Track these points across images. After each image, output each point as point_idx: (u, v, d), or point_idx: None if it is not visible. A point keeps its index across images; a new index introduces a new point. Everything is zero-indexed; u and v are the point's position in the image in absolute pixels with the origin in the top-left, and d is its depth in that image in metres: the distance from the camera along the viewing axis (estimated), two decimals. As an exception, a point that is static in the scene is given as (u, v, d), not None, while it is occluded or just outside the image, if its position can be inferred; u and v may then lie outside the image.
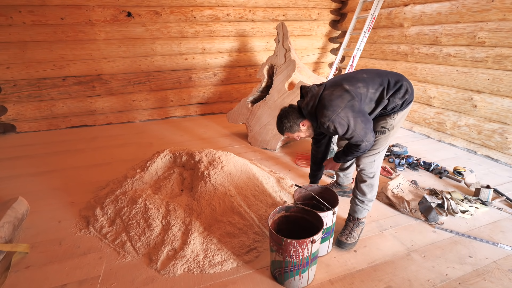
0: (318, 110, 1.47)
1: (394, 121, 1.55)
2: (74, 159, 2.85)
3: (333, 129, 1.45)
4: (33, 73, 3.43)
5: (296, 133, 1.62)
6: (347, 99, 1.42)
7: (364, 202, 1.68)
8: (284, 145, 3.16)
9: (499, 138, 2.63)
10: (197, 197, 1.84)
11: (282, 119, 1.59)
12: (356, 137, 1.46)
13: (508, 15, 2.44)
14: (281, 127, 1.61)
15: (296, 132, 1.61)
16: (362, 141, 1.47)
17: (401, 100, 1.50)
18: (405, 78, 1.53)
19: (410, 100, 1.53)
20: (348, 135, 1.46)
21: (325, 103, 1.43)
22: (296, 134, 1.63)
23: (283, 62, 2.97)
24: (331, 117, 1.41)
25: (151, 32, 3.70)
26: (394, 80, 1.50)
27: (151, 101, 4.05)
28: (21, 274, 1.48)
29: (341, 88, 1.45)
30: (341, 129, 1.43)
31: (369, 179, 1.64)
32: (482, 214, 1.96)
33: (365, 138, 1.46)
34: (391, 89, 1.48)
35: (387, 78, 1.50)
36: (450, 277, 1.46)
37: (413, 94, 1.55)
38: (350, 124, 1.42)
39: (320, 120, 1.47)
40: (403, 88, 1.49)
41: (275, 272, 1.41)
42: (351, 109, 1.42)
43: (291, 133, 1.61)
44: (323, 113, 1.43)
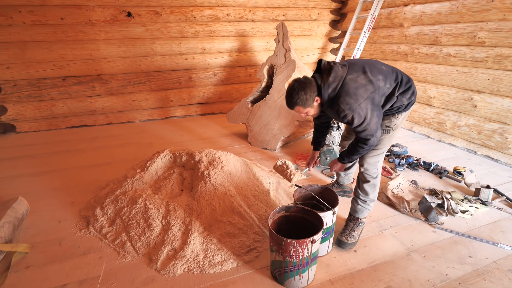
0: (340, 95, 1.39)
1: (398, 121, 1.57)
2: (74, 159, 2.85)
3: (349, 118, 1.39)
4: (33, 73, 3.43)
5: (307, 108, 1.47)
6: (370, 90, 1.39)
7: (366, 202, 1.68)
8: (284, 145, 3.16)
9: (499, 138, 2.63)
10: (197, 197, 1.84)
11: (298, 90, 1.40)
12: (368, 130, 1.42)
13: (508, 15, 2.44)
14: (295, 98, 1.42)
15: (308, 108, 1.47)
16: (372, 135, 1.44)
17: (408, 101, 1.52)
18: (412, 80, 1.55)
19: (414, 101, 1.56)
20: (362, 127, 1.42)
21: (350, 90, 1.37)
22: (307, 109, 1.48)
23: (283, 62, 2.97)
24: (353, 106, 1.36)
25: (151, 32, 3.70)
26: (406, 79, 1.51)
27: (151, 101, 4.05)
28: (21, 274, 1.48)
29: (365, 76, 1.41)
30: (358, 119, 1.38)
31: (372, 179, 1.65)
32: (482, 214, 1.96)
33: (375, 133, 1.44)
34: (402, 87, 1.49)
35: (400, 75, 1.51)
36: (450, 277, 1.46)
37: (416, 95, 1.56)
38: (367, 116, 1.38)
39: (340, 106, 1.38)
40: (412, 89, 1.52)
41: (275, 272, 1.41)
42: (371, 101, 1.39)
43: (304, 107, 1.46)
44: (346, 100, 1.37)
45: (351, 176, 2.13)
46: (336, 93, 1.41)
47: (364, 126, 1.41)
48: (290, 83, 1.46)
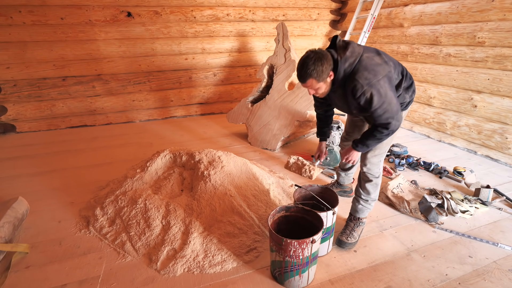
0: (357, 71, 1.30)
1: None
2: (74, 159, 2.85)
3: (368, 97, 1.29)
4: (33, 73, 3.43)
5: (320, 83, 1.35)
6: (387, 69, 1.33)
7: (368, 201, 1.68)
8: (284, 145, 3.16)
9: (499, 138, 2.63)
10: (197, 197, 1.84)
11: (315, 61, 1.28)
12: (388, 112, 1.32)
13: (508, 15, 2.44)
14: (310, 69, 1.29)
15: (321, 82, 1.34)
16: (393, 118, 1.34)
17: (409, 98, 1.53)
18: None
19: (412, 100, 1.57)
20: (382, 109, 1.31)
21: (368, 66, 1.30)
22: (320, 85, 1.36)
23: (283, 62, 2.97)
24: (372, 81, 1.27)
25: (151, 32, 3.70)
26: (409, 76, 1.51)
27: (151, 101, 4.05)
28: (21, 274, 1.48)
29: (380, 58, 1.36)
30: (377, 98, 1.28)
31: (375, 179, 1.65)
32: (482, 214, 1.96)
33: (396, 115, 1.34)
34: (407, 81, 1.47)
35: (405, 69, 1.50)
36: (450, 277, 1.46)
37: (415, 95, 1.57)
38: (387, 95, 1.29)
39: (358, 82, 1.28)
40: (413, 86, 1.52)
41: (275, 272, 1.41)
42: (389, 80, 1.32)
43: (318, 81, 1.33)
44: (364, 75, 1.28)
45: (351, 176, 2.13)
46: (353, 68, 1.32)
47: (384, 107, 1.31)
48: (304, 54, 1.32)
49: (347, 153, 1.62)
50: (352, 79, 1.31)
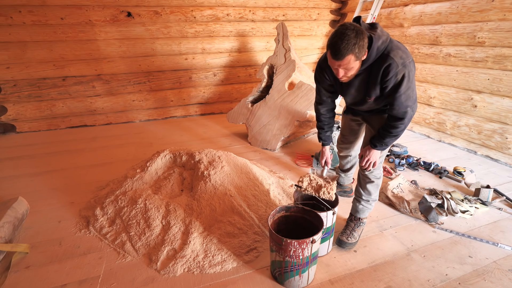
0: (392, 49, 1.23)
1: None
2: (74, 159, 2.85)
3: (399, 78, 1.23)
4: (33, 73, 3.43)
5: (357, 61, 1.21)
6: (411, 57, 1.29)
7: (369, 202, 1.69)
8: (284, 145, 3.16)
9: (499, 138, 2.63)
10: (197, 197, 1.84)
11: (357, 34, 1.14)
12: (410, 99, 1.28)
13: (508, 15, 2.44)
14: (351, 42, 1.14)
15: (357, 61, 1.22)
16: (411, 107, 1.30)
17: None
18: None
19: None
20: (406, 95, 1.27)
21: (399, 45, 1.26)
22: (356, 63, 1.22)
23: (283, 62, 2.97)
24: (405, 62, 1.22)
25: (151, 32, 3.70)
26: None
27: (151, 101, 4.05)
28: (21, 274, 1.48)
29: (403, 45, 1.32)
30: (406, 81, 1.23)
31: (376, 180, 1.64)
32: (482, 214, 1.96)
33: (414, 104, 1.31)
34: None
35: None
36: (450, 277, 1.46)
37: None
38: (413, 81, 1.26)
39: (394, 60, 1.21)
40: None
41: (275, 272, 1.41)
42: (414, 67, 1.28)
43: (356, 58, 1.19)
44: (398, 53, 1.22)
45: (351, 177, 2.13)
46: (385, 47, 1.24)
47: (408, 94, 1.26)
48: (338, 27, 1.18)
49: (366, 153, 1.54)
50: (386, 57, 1.23)
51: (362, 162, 1.57)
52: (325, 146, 1.76)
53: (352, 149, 1.92)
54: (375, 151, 1.51)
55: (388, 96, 1.33)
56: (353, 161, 2.01)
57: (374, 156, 1.52)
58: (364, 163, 1.56)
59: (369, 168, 1.56)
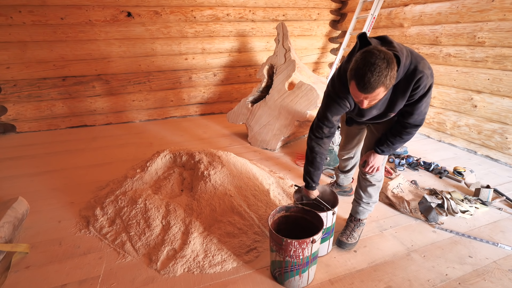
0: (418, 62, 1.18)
1: None
2: (74, 159, 2.85)
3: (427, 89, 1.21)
4: (33, 73, 3.43)
5: (384, 93, 1.09)
6: None
7: (369, 204, 1.68)
8: (284, 145, 3.16)
9: (499, 138, 2.63)
10: (197, 197, 1.84)
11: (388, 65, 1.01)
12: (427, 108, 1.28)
13: (508, 15, 2.44)
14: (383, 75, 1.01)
15: (384, 93, 1.09)
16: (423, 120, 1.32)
17: None
18: None
19: None
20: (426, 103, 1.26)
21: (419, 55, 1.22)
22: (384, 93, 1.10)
23: (283, 62, 2.97)
24: (432, 72, 1.21)
25: (151, 32, 3.70)
26: None
27: (151, 101, 4.05)
28: (21, 274, 1.48)
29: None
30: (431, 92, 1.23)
31: (377, 182, 1.63)
32: (482, 214, 1.96)
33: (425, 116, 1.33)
34: None
35: None
36: (450, 277, 1.46)
37: None
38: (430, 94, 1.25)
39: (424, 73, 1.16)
40: None
41: (275, 272, 1.41)
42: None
43: (386, 88, 1.06)
44: (426, 65, 1.19)
45: (350, 177, 2.12)
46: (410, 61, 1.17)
47: (428, 102, 1.26)
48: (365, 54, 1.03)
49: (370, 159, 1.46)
50: (415, 71, 1.16)
51: (365, 167, 1.51)
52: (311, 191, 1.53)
53: (353, 152, 1.92)
54: (379, 156, 1.47)
55: (408, 106, 1.28)
56: (354, 162, 2.00)
57: (378, 161, 1.48)
58: (367, 168, 1.50)
59: (372, 173, 1.53)
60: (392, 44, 1.16)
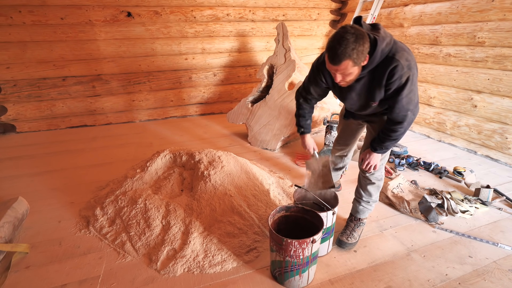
0: (397, 51, 1.19)
1: None
2: (74, 159, 2.85)
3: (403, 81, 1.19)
4: (33, 73, 3.43)
5: (355, 67, 1.17)
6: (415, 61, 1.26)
7: (369, 203, 1.68)
8: (284, 145, 3.16)
9: (499, 138, 2.63)
10: (197, 197, 1.84)
11: (356, 38, 1.09)
12: (410, 103, 1.25)
13: (508, 15, 2.44)
14: (350, 47, 1.09)
15: (356, 66, 1.16)
16: (411, 111, 1.27)
17: None
18: None
19: None
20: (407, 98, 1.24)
21: (403, 47, 1.22)
22: (354, 69, 1.18)
23: (283, 62, 2.97)
24: (411, 64, 1.19)
25: (151, 32, 3.70)
26: None
27: (151, 101, 4.05)
28: (21, 274, 1.48)
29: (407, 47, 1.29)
30: (409, 85, 1.20)
31: (377, 181, 1.64)
32: (482, 214, 1.96)
33: (415, 108, 1.28)
34: None
35: None
36: (450, 277, 1.46)
37: None
38: (416, 84, 1.24)
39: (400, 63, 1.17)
40: None
41: (275, 272, 1.41)
42: (417, 71, 1.25)
43: (354, 63, 1.14)
44: (404, 55, 1.19)
45: (339, 174, 2.15)
46: (390, 49, 1.19)
47: (410, 97, 1.23)
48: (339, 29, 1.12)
49: (366, 157, 1.50)
50: (391, 59, 1.18)
51: (362, 165, 1.54)
52: (306, 134, 1.68)
53: (347, 150, 1.93)
54: (375, 154, 1.48)
55: (389, 99, 1.29)
56: (347, 161, 2.02)
57: (374, 160, 1.49)
58: (364, 166, 1.52)
59: (370, 170, 1.54)
60: (379, 30, 1.20)
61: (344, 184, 2.30)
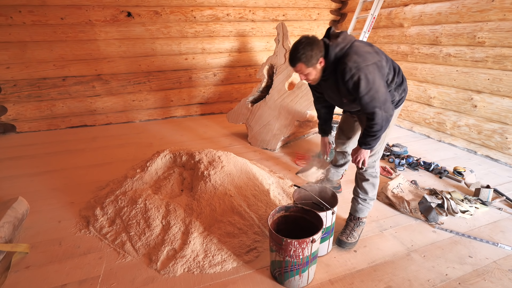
0: (347, 55, 1.32)
1: None
2: (74, 159, 2.85)
3: (356, 80, 1.30)
4: (33, 73, 3.43)
5: (310, 68, 1.38)
6: (377, 58, 1.35)
7: (366, 201, 1.69)
8: (284, 145, 3.16)
9: (499, 138, 2.63)
10: (197, 197, 1.84)
11: (305, 45, 1.32)
12: (375, 101, 1.32)
13: (508, 15, 2.44)
14: (299, 53, 1.34)
15: (311, 67, 1.38)
16: (380, 108, 1.33)
17: (399, 96, 1.54)
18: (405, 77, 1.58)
19: (403, 100, 1.58)
20: (369, 96, 1.31)
21: (358, 51, 1.32)
22: (309, 70, 1.39)
23: (283, 62, 2.97)
24: (360, 65, 1.29)
25: (151, 32, 3.70)
26: (401, 73, 1.52)
27: (151, 101, 4.05)
28: (21, 274, 1.48)
29: (371, 48, 1.39)
30: (365, 83, 1.29)
31: (371, 178, 1.66)
32: (482, 214, 1.96)
33: (384, 105, 1.34)
34: (398, 79, 1.48)
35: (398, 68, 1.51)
36: (450, 277, 1.46)
37: (406, 92, 1.58)
38: (375, 83, 1.30)
39: (347, 65, 1.30)
40: (404, 85, 1.54)
41: (275, 272, 1.41)
42: (378, 69, 1.34)
43: (307, 66, 1.36)
44: (353, 58, 1.30)
45: (340, 173, 2.16)
46: (343, 53, 1.34)
47: (371, 95, 1.31)
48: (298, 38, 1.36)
49: (355, 152, 1.58)
50: (342, 62, 1.33)
51: (352, 160, 1.61)
52: (324, 137, 1.94)
53: (348, 145, 1.97)
54: (362, 150, 1.54)
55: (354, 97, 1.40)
56: (348, 157, 2.05)
57: (362, 155, 1.54)
58: (353, 160, 1.60)
59: (359, 165, 1.58)
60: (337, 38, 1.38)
61: (344, 184, 2.30)
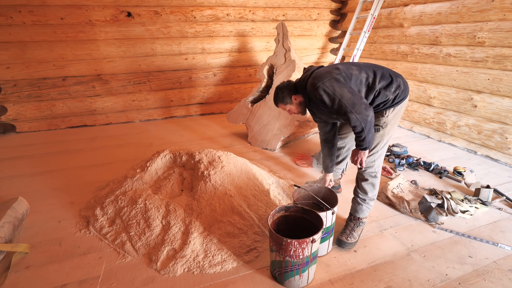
0: (308, 82, 1.56)
1: (387, 118, 1.58)
2: (74, 159, 2.85)
3: (319, 98, 1.49)
4: (33, 73, 3.43)
5: (288, 105, 1.72)
6: (335, 73, 1.49)
7: (365, 201, 1.69)
8: (284, 145, 3.16)
9: (499, 138, 2.63)
10: (197, 197, 1.84)
11: (277, 91, 1.72)
12: (343, 107, 1.44)
13: (508, 15, 2.44)
14: (275, 98, 1.74)
15: (288, 105, 1.72)
16: (351, 112, 1.43)
17: (393, 95, 1.53)
18: (401, 76, 1.58)
19: (402, 97, 1.56)
20: (336, 104, 1.46)
21: (314, 75, 1.54)
22: (289, 106, 1.73)
23: (283, 62, 2.97)
24: (317, 85, 1.47)
25: (151, 32, 3.70)
26: (389, 73, 1.55)
27: (151, 101, 4.05)
28: (21, 274, 1.48)
29: (333, 66, 1.55)
30: (326, 97, 1.47)
31: (371, 178, 1.66)
32: (482, 214, 1.96)
33: (353, 108, 1.42)
34: (384, 80, 1.52)
35: (382, 70, 1.55)
36: (450, 277, 1.46)
37: (406, 92, 1.57)
38: (336, 93, 1.44)
39: (308, 89, 1.56)
40: (395, 83, 1.53)
41: (275, 272, 1.41)
42: (336, 80, 1.47)
43: (284, 104, 1.72)
44: (311, 82, 1.53)
45: (339, 172, 2.15)
46: (305, 83, 1.58)
47: (338, 103, 1.45)
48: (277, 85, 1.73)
49: (354, 154, 1.62)
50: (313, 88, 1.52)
51: (351, 159, 1.68)
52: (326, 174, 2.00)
53: (345, 141, 1.98)
54: (360, 151, 1.59)
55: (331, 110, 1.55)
56: (345, 154, 2.05)
57: (359, 155, 1.60)
58: (352, 160, 1.66)
59: (357, 164, 1.62)
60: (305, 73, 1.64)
61: (344, 184, 2.30)
